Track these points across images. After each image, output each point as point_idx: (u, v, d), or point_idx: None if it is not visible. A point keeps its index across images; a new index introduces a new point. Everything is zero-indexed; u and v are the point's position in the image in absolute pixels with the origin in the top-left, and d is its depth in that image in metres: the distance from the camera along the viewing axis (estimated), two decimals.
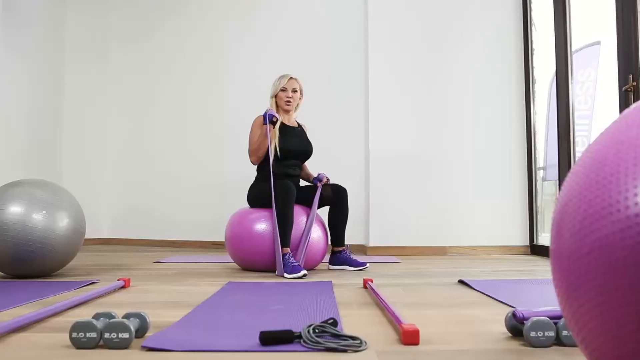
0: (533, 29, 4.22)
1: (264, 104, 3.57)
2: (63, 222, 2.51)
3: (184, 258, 3.67)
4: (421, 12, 4.22)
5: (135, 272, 2.83)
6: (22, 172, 4.22)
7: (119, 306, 1.77)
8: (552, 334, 1.22)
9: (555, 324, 1.23)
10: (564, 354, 1.17)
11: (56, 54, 5.02)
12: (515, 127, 4.17)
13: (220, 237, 4.66)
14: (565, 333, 1.22)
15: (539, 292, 2.12)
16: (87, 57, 5.28)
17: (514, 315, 1.29)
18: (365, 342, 1.23)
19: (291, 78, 3.11)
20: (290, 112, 3.17)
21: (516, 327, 1.32)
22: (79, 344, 1.21)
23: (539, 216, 4.14)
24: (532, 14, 4.19)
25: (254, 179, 3.19)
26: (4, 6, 4.20)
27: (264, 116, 2.92)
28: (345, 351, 1.18)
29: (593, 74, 5.48)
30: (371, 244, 4.06)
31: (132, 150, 5.32)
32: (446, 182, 4.12)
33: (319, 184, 3.02)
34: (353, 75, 4.52)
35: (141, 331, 1.31)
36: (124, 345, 1.21)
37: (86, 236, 2.79)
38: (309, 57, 4.60)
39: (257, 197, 2.98)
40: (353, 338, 1.24)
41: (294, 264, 2.62)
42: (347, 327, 1.43)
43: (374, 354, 1.16)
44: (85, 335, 1.21)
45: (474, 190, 4.11)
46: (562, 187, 0.75)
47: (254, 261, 2.83)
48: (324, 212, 3.11)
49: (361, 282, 2.40)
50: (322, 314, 1.59)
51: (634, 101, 2.71)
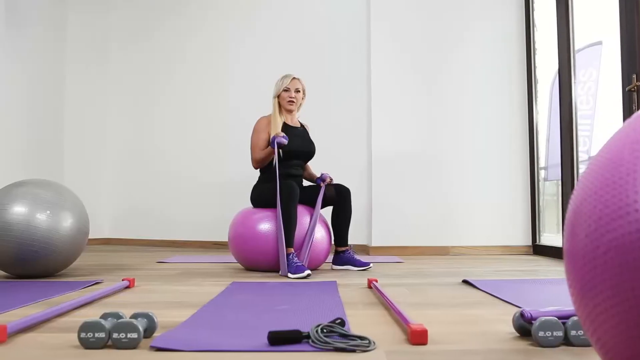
0: (534, 28, 4.22)
1: (265, 104, 3.57)
2: (67, 222, 2.51)
3: (186, 258, 3.67)
4: (422, 12, 4.22)
5: (139, 272, 2.83)
6: (23, 172, 4.22)
7: (124, 306, 1.77)
8: (560, 334, 1.22)
9: (564, 323, 1.23)
10: (572, 354, 1.17)
11: (57, 54, 5.02)
12: (517, 126, 4.17)
13: (221, 237, 4.70)
14: (573, 333, 1.22)
15: (543, 292, 2.12)
16: (88, 57, 5.28)
17: (521, 315, 1.29)
18: (374, 342, 1.23)
19: (294, 78, 3.11)
20: (293, 112, 3.17)
21: (524, 327, 1.32)
22: (87, 344, 1.21)
23: (540, 216, 4.14)
24: (535, 14, 4.18)
25: (256, 179, 3.19)
26: (6, 6, 4.20)
27: (272, 141, 2.89)
28: (354, 351, 1.18)
29: (595, 73, 5.48)
30: (373, 244, 4.06)
31: (133, 150, 5.32)
32: (448, 182, 4.12)
33: (322, 184, 3.03)
34: (354, 76, 4.52)
35: (149, 331, 1.31)
36: (132, 345, 1.21)
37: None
38: (309, 57, 4.60)
39: (260, 197, 2.98)
40: (361, 338, 1.24)
41: (298, 264, 2.62)
42: (353, 327, 1.44)
43: (383, 354, 1.16)
44: (94, 335, 1.21)
45: (476, 190, 4.12)
46: (575, 187, 0.75)
47: (257, 261, 2.83)
48: (327, 212, 3.12)
49: (365, 282, 2.40)
50: (328, 314, 1.60)
51: (637, 101, 2.71)
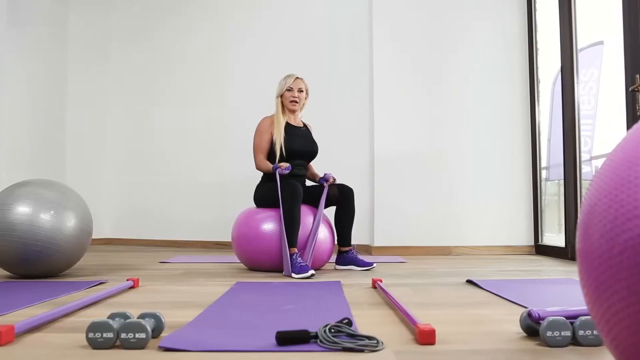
0: (536, 28, 4.22)
1: (265, 104, 3.57)
2: (70, 222, 2.50)
3: (188, 258, 3.67)
4: (424, 12, 4.22)
5: (142, 272, 2.83)
6: (25, 172, 4.21)
7: (130, 306, 1.77)
8: (568, 333, 1.22)
9: (572, 323, 1.23)
10: (580, 353, 1.17)
11: (58, 54, 5.02)
12: (519, 126, 4.17)
13: (222, 237, 4.70)
14: (581, 333, 1.22)
15: (547, 292, 2.12)
16: (89, 57, 5.27)
17: (529, 315, 1.29)
18: (382, 342, 1.23)
19: (297, 78, 3.11)
20: (296, 112, 3.17)
21: (531, 327, 1.32)
22: (95, 344, 1.21)
23: (542, 216, 4.14)
24: (537, 13, 4.18)
25: (257, 178, 3.19)
26: (7, 5, 4.20)
27: (274, 170, 2.89)
28: (362, 351, 1.19)
29: (596, 73, 5.48)
30: (376, 244, 4.06)
31: (134, 150, 5.32)
32: (450, 182, 4.12)
33: (325, 184, 3.02)
34: (355, 76, 4.52)
35: (156, 331, 1.31)
36: (140, 345, 1.21)
37: None
38: (310, 57, 4.60)
39: (263, 197, 2.97)
40: (369, 338, 1.24)
41: (302, 264, 2.62)
42: (360, 327, 1.43)
43: (392, 354, 1.17)
44: (102, 335, 1.21)
45: (478, 190, 4.12)
46: (588, 188, 0.75)
47: (261, 261, 2.83)
48: (330, 212, 3.12)
49: (369, 282, 2.40)
50: (334, 314, 1.60)
51: None
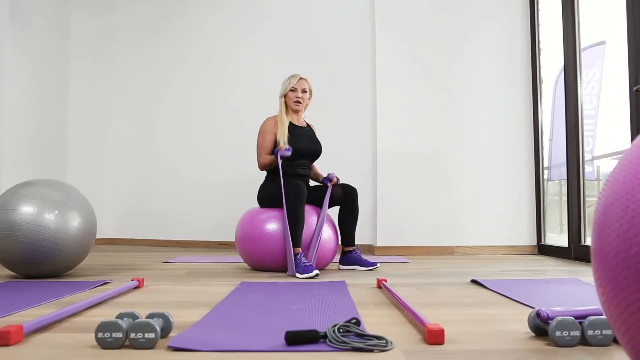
0: (539, 28, 4.22)
1: (268, 105, 3.57)
2: (75, 222, 2.51)
3: (191, 258, 3.67)
4: (427, 12, 4.22)
5: (146, 272, 2.83)
6: (27, 172, 4.22)
7: (136, 306, 1.77)
8: (577, 333, 1.22)
9: (580, 323, 1.24)
10: (589, 353, 1.17)
11: (61, 53, 5.01)
12: (522, 126, 4.17)
13: (225, 237, 4.70)
14: (590, 333, 1.22)
15: (552, 292, 2.12)
16: (91, 57, 5.26)
17: (538, 314, 1.29)
18: (391, 342, 1.23)
19: (301, 78, 3.11)
20: (300, 112, 3.17)
21: (539, 327, 1.32)
22: (104, 344, 1.21)
23: (545, 216, 4.14)
24: (539, 14, 4.18)
25: (260, 179, 3.20)
26: (10, 3, 4.20)
27: (275, 154, 2.91)
28: (371, 351, 1.19)
29: (598, 73, 5.49)
30: (379, 243, 4.06)
31: (136, 150, 5.31)
32: (453, 182, 4.12)
33: (329, 184, 3.03)
34: (358, 76, 4.52)
35: (165, 331, 1.31)
36: (149, 345, 1.21)
37: None
38: (313, 58, 4.59)
39: (267, 196, 2.97)
40: (378, 338, 1.24)
41: (306, 264, 2.62)
42: (367, 327, 1.43)
43: (401, 354, 1.17)
44: (111, 335, 1.21)
45: (480, 190, 4.12)
46: (603, 187, 0.75)
47: (265, 261, 2.83)
48: (334, 212, 3.12)
49: (373, 282, 2.40)
50: (341, 314, 1.60)
51: None
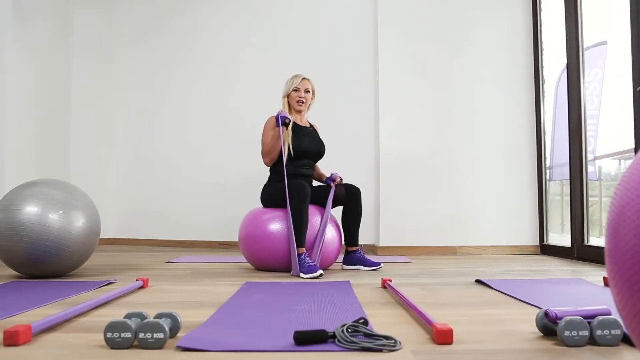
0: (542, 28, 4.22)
1: (270, 105, 3.57)
2: (79, 222, 2.50)
3: (194, 258, 3.67)
4: (430, 12, 4.22)
5: (150, 272, 2.83)
6: (30, 172, 4.22)
7: (142, 306, 1.77)
8: (586, 333, 1.22)
9: (589, 323, 1.24)
10: (599, 353, 1.17)
11: (63, 53, 5.01)
12: (524, 126, 4.17)
13: (227, 237, 4.70)
14: (599, 333, 1.22)
15: (557, 292, 2.12)
16: (93, 56, 5.26)
17: (546, 314, 1.29)
18: (400, 342, 1.23)
19: (304, 78, 3.11)
20: (302, 112, 3.17)
21: (547, 327, 1.32)
22: (113, 344, 1.21)
23: (548, 216, 4.14)
24: (542, 13, 4.19)
25: (263, 178, 3.19)
26: (13, 3, 4.20)
27: (277, 118, 2.91)
28: (380, 351, 1.19)
29: (600, 73, 5.49)
30: (381, 243, 4.06)
31: (137, 150, 5.31)
32: (455, 182, 4.12)
33: (332, 184, 3.03)
34: (361, 76, 4.52)
35: (173, 331, 1.31)
36: (158, 345, 1.21)
37: None
38: (315, 58, 4.59)
39: (271, 196, 2.97)
40: (387, 337, 1.24)
41: (310, 264, 2.62)
42: (373, 326, 1.43)
43: (410, 354, 1.17)
44: (120, 335, 1.21)
45: (483, 190, 4.12)
46: (617, 187, 0.75)
47: (268, 261, 2.83)
48: (337, 212, 3.12)
49: (378, 282, 2.41)
50: (348, 314, 1.60)
51: None
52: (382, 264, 2.96)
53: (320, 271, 2.58)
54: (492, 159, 4.14)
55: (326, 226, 2.86)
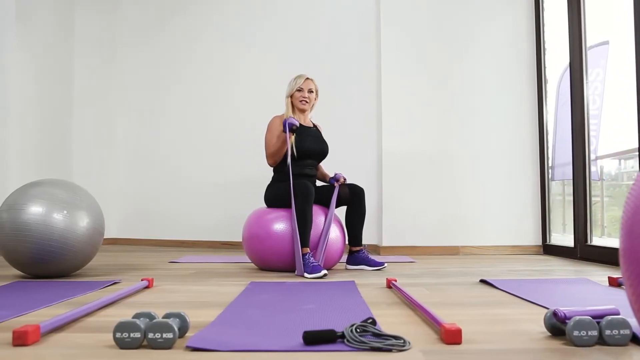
0: (544, 28, 4.22)
1: (271, 105, 3.57)
2: (83, 222, 2.50)
3: (197, 258, 3.67)
4: (432, 12, 4.22)
5: (153, 272, 2.83)
6: (33, 172, 4.22)
7: (149, 306, 1.77)
8: (595, 333, 1.22)
9: (598, 323, 1.24)
10: (608, 353, 1.17)
11: (65, 52, 5.01)
12: (527, 126, 4.17)
13: (229, 237, 4.70)
14: (608, 332, 1.22)
15: (562, 291, 2.12)
16: (95, 56, 5.26)
17: (555, 314, 1.29)
18: (409, 342, 1.23)
19: (307, 78, 3.11)
20: (306, 112, 3.17)
21: (556, 327, 1.32)
22: (122, 344, 1.21)
23: (550, 216, 4.14)
24: (545, 13, 4.19)
25: (266, 178, 3.19)
26: (16, 3, 4.20)
27: (284, 124, 2.90)
28: (390, 351, 1.19)
29: (601, 73, 5.49)
30: (384, 243, 4.06)
31: (139, 150, 5.30)
32: (458, 182, 4.12)
33: (336, 184, 3.03)
34: (364, 76, 4.51)
35: (181, 331, 1.31)
36: (167, 345, 1.21)
37: None
38: (317, 57, 4.59)
39: (274, 197, 2.97)
40: (396, 337, 1.24)
41: (314, 263, 2.62)
42: (381, 326, 1.43)
43: (420, 354, 1.17)
44: (129, 335, 1.21)
45: (486, 190, 4.12)
46: (632, 187, 0.75)
47: (272, 261, 2.83)
48: (341, 212, 3.12)
49: (382, 281, 2.41)
50: (355, 314, 1.60)
51: None
52: (386, 264, 2.96)
53: (324, 271, 2.58)
54: (495, 158, 4.14)
55: (330, 226, 2.86)
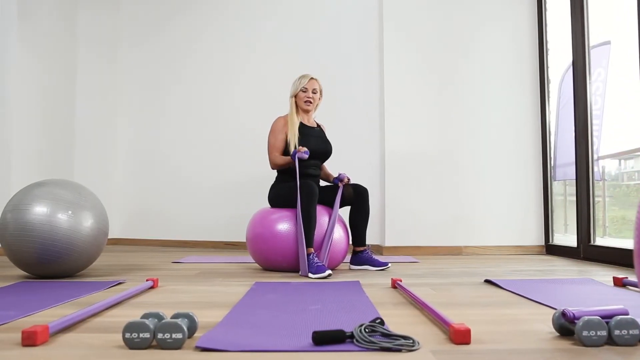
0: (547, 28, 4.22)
1: (273, 105, 3.57)
2: (88, 222, 2.50)
3: (200, 258, 3.67)
4: (435, 12, 4.22)
5: (158, 272, 2.83)
6: (35, 172, 4.22)
7: (155, 306, 1.77)
8: (604, 333, 1.22)
9: (607, 323, 1.24)
10: (617, 353, 1.17)
11: (68, 51, 5.01)
12: (530, 126, 4.17)
13: (232, 237, 4.70)
14: (617, 332, 1.22)
15: (568, 291, 2.12)
16: (97, 55, 5.26)
17: (563, 314, 1.29)
18: (418, 342, 1.23)
19: (312, 78, 3.11)
20: (310, 112, 3.17)
21: (564, 327, 1.32)
22: (132, 345, 1.21)
23: (553, 216, 4.14)
24: (547, 13, 4.19)
25: (268, 179, 3.20)
26: (19, 3, 4.20)
27: (293, 156, 2.88)
28: (399, 350, 1.19)
29: (603, 73, 5.49)
30: (387, 244, 4.06)
31: (141, 151, 5.31)
32: (461, 182, 4.12)
33: (340, 184, 3.02)
34: (366, 76, 4.51)
35: (190, 331, 1.31)
36: (177, 345, 1.21)
37: None
38: (319, 57, 4.59)
39: (278, 197, 2.97)
40: (405, 337, 1.24)
41: (319, 264, 2.62)
42: (389, 326, 1.43)
43: (430, 354, 1.17)
44: (139, 335, 1.21)
45: (489, 190, 4.12)
46: None
47: (276, 261, 2.83)
48: (344, 212, 3.12)
49: (387, 281, 2.41)
50: (362, 314, 1.60)
51: None
52: (389, 264, 2.96)
53: (328, 271, 2.58)
54: (498, 158, 4.14)
55: (334, 226, 2.86)
